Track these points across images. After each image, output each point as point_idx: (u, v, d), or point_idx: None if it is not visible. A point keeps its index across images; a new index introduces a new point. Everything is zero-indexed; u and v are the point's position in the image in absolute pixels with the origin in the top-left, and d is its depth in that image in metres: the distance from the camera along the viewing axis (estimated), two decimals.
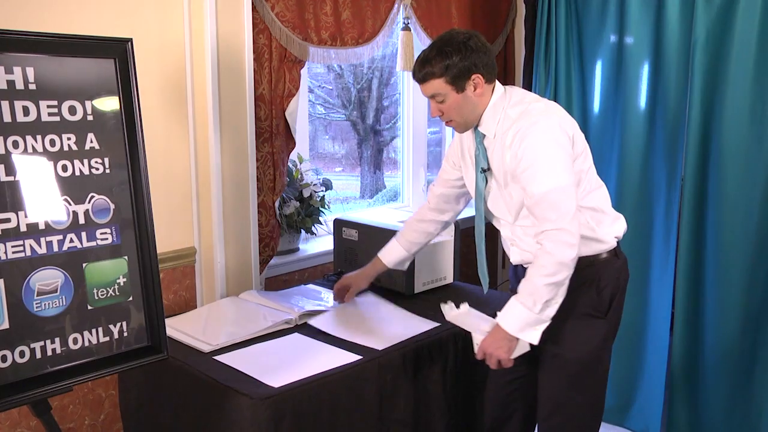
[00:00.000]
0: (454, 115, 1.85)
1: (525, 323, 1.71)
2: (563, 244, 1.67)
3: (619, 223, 1.94)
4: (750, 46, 2.53)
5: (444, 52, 1.77)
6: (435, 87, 1.80)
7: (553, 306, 1.71)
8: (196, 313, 2.28)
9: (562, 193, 1.69)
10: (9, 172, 1.37)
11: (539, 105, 1.82)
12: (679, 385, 2.84)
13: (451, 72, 1.77)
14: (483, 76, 1.79)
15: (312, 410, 1.74)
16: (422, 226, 2.18)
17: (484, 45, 1.82)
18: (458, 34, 1.82)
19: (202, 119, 2.31)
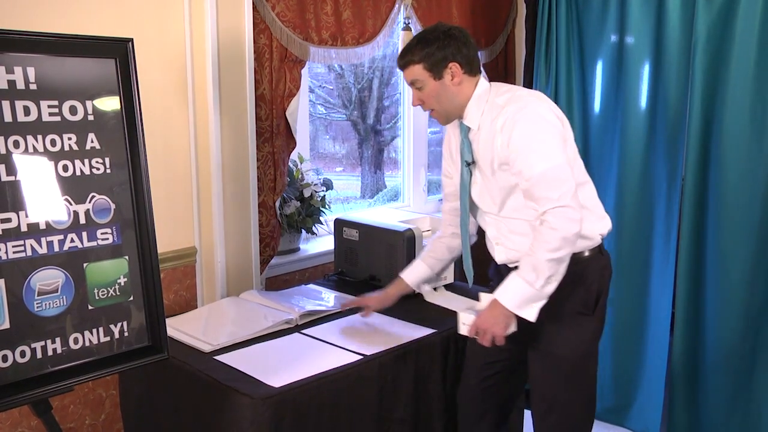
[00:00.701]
0: (433, 103, 1.88)
1: (525, 299, 1.71)
2: (567, 219, 1.68)
3: (604, 222, 1.95)
4: (750, 45, 2.53)
5: (425, 40, 1.84)
6: (414, 73, 1.85)
7: (553, 283, 1.71)
8: (197, 313, 2.28)
9: (560, 170, 1.70)
10: (10, 171, 1.37)
11: (525, 91, 1.87)
12: (679, 385, 2.83)
13: (429, 59, 1.82)
14: (461, 66, 1.83)
15: (312, 410, 1.74)
16: (444, 241, 2.14)
17: (466, 38, 1.86)
18: (442, 25, 1.88)
19: (202, 119, 2.31)
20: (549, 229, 1.68)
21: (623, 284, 2.97)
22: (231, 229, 2.39)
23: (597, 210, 1.94)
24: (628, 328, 2.98)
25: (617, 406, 3.04)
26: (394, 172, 3.68)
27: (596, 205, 1.94)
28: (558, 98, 3.09)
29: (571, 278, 1.81)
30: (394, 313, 2.27)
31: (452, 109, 1.89)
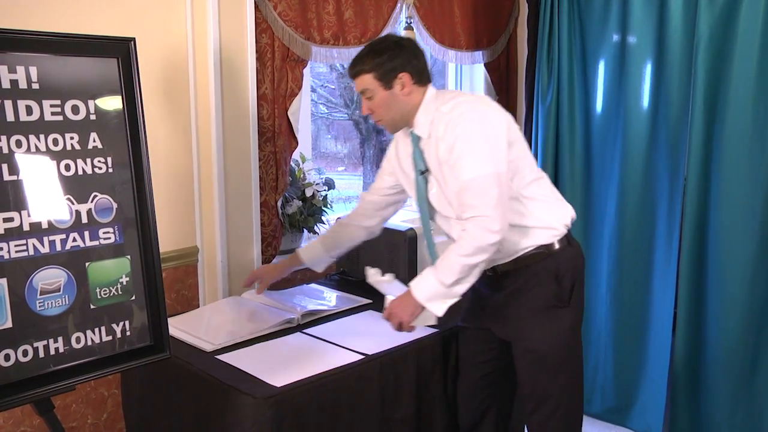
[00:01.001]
0: (382, 113, 1.90)
1: (434, 294, 1.79)
2: (485, 229, 1.72)
3: (566, 210, 1.96)
4: (753, 45, 2.52)
5: (376, 50, 1.87)
6: (365, 82, 1.87)
7: (464, 284, 1.78)
8: (199, 312, 2.28)
9: (487, 180, 1.73)
10: (12, 171, 1.37)
11: (469, 97, 1.90)
12: (681, 385, 2.83)
13: (379, 69, 1.84)
14: (411, 76, 1.86)
15: (314, 409, 1.74)
16: (348, 230, 2.21)
17: (416, 49, 1.90)
18: (392, 36, 1.94)
19: (204, 118, 2.31)
20: (467, 237, 1.74)
21: (625, 284, 2.97)
22: (233, 228, 2.39)
23: (554, 201, 1.95)
24: (630, 327, 2.97)
25: (619, 406, 3.04)
26: None
27: (552, 197, 1.95)
28: (560, 98, 3.09)
29: (542, 272, 1.86)
30: None
31: (400, 119, 1.91)
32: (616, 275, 2.99)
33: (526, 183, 1.88)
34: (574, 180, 3.10)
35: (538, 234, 1.88)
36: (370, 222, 2.19)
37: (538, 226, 1.88)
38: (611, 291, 3.02)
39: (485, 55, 3.32)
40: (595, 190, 3.07)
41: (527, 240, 1.87)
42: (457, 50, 3.16)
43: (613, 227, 2.98)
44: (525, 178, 1.87)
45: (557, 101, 3.10)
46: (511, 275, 1.91)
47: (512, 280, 1.91)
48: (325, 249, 2.21)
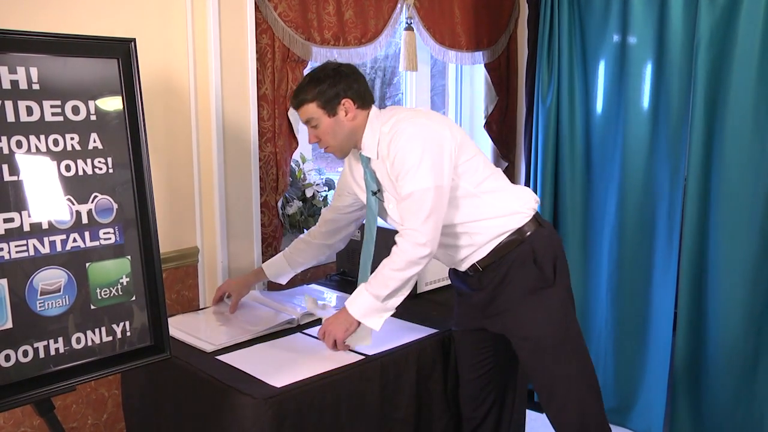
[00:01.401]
0: (329, 139, 1.93)
1: (370, 309, 1.84)
2: (414, 243, 1.78)
3: (527, 195, 1.97)
4: (753, 46, 2.52)
5: (316, 78, 1.90)
6: (309, 112, 1.91)
7: (398, 297, 1.84)
8: (199, 313, 2.28)
9: (423, 194, 1.77)
10: (12, 171, 1.37)
11: (407, 113, 1.91)
12: (681, 385, 2.83)
13: (322, 97, 1.88)
14: (354, 101, 1.90)
15: (314, 410, 1.74)
16: (310, 248, 2.24)
17: (356, 73, 1.94)
18: (331, 63, 1.98)
19: (204, 119, 2.31)
20: (398, 251, 1.80)
21: (625, 284, 2.97)
22: (233, 229, 2.40)
23: (513, 189, 1.97)
24: (630, 328, 2.97)
25: (620, 406, 3.04)
26: None
27: (510, 187, 1.97)
28: (560, 98, 3.09)
29: (520, 259, 1.88)
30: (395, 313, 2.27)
31: (347, 143, 1.95)
32: (616, 275, 2.99)
33: (483, 179, 1.91)
34: (574, 180, 3.10)
35: (506, 221, 1.89)
36: (333, 239, 2.23)
37: (503, 214, 1.90)
38: (611, 291, 3.02)
39: (485, 56, 3.32)
40: (595, 190, 3.07)
41: (497, 228, 1.89)
42: (457, 51, 3.16)
43: (613, 227, 2.98)
44: (480, 175, 1.90)
45: (557, 101, 3.10)
46: (491, 269, 1.91)
47: (493, 274, 1.91)
48: (288, 264, 2.25)
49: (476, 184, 1.90)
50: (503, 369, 2.11)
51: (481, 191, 1.90)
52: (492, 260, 1.90)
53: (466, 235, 1.91)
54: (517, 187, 1.99)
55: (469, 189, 1.88)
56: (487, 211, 1.89)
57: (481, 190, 1.90)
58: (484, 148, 3.58)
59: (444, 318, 2.21)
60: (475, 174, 1.89)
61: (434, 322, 2.18)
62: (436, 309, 2.33)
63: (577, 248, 3.12)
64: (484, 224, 1.89)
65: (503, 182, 1.97)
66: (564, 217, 3.15)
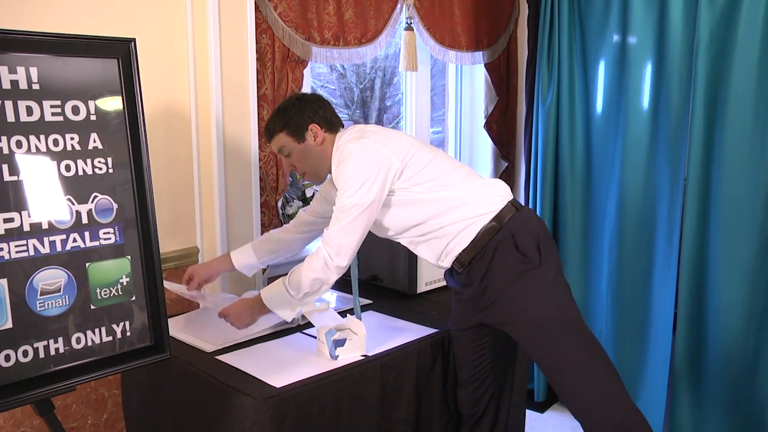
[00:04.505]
0: (303, 165, 2.02)
1: (284, 303, 1.93)
2: (331, 252, 1.86)
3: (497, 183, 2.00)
4: (753, 46, 2.52)
5: (282, 109, 2.01)
6: (280, 141, 2.01)
7: (314, 296, 1.93)
8: (199, 313, 2.29)
9: (346, 209, 1.86)
10: (12, 171, 1.38)
11: (352, 135, 1.97)
12: (681, 385, 2.83)
13: (290, 125, 1.98)
14: (320, 126, 1.99)
15: (314, 410, 1.74)
16: (286, 242, 2.26)
17: (320, 100, 2.04)
18: (296, 93, 2.08)
19: (204, 119, 2.31)
20: (317, 255, 1.88)
21: (625, 284, 2.97)
22: (233, 229, 2.39)
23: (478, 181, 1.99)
24: (630, 327, 2.97)
25: None
26: None
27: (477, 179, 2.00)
28: (560, 98, 3.09)
29: (501, 245, 1.88)
30: (395, 313, 2.28)
31: (321, 167, 2.03)
32: (616, 275, 2.99)
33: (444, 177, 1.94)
34: (574, 180, 3.10)
35: (474, 207, 1.91)
36: (309, 236, 2.27)
37: (470, 201, 1.92)
38: (611, 291, 3.02)
39: (485, 56, 3.33)
40: (595, 190, 3.07)
41: (467, 213, 1.91)
42: (457, 51, 3.16)
43: (613, 227, 2.98)
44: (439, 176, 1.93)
45: (557, 101, 3.10)
46: (475, 261, 1.91)
47: (479, 266, 1.91)
48: (256, 256, 2.25)
49: (436, 186, 1.93)
50: (500, 366, 2.12)
51: (445, 187, 1.93)
52: (474, 252, 1.90)
53: (442, 227, 1.93)
54: (485, 179, 2.02)
55: (431, 191, 1.92)
56: (454, 202, 1.92)
57: (445, 186, 1.93)
58: (484, 148, 3.59)
59: (444, 318, 2.21)
60: (433, 179, 1.93)
61: (434, 322, 2.19)
62: (436, 309, 2.33)
63: (577, 248, 3.12)
64: (453, 214, 1.91)
65: (468, 176, 1.99)
66: (564, 217, 3.15)
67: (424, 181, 1.92)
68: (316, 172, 2.05)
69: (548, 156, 3.13)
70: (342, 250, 1.86)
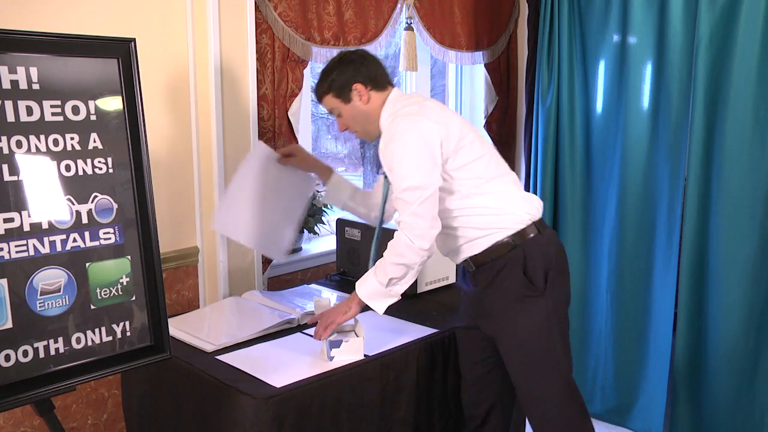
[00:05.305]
0: (352, 125, 2.00)
1: (374, 292, 1.88)
2: (411, 236, 1.80)
3: (530, 201, 1.97)
4: (753, 46, 2.52)
5: (325, 70, 1.99)
6: (328, 103, 1.99)
7: (401, 285, 1.87)
8: (199, 312, 2.29)
9: (408, 194, 1.81)
10: (12, 171, 1.37)
11: (411, 108, 1.90)
12: (682, 385, 2.83)
13: (334, 86, 1.95)
14: (364, 85, 1.94)
15: (314, 410, 1.74)
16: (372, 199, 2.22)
17: (363, 57, 1.97)
18: (340, 53, 2.01)
19: (204, 119, 2.31)
20: (396, 239, 1.84)
21: (625, 284, 2.97)
22: None
23: (517, 194, 1.96)
24: (630, 327, 2.97)
25: (620, 406, 3.04)
26: None
27: (516, 191, 1.97)
28: (560, 98, 3.09)
29: (510, 264, 1.88)
30: (395, 313, 2.27)
31: (371, 127, 1.98)
32: (616, 275, 2.99)
33: (484, 180, 1.91)
34: (574, 180, 3.10)
35: (499, 219, 1.90)
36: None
37: (497, 213, 1.91)
38: (611, 291, 3.02)
39: (485, 56, 3.32)
40: (595, 190, 3.07)
41: (489, 224, 1.90)
42: (457, 51, 3.16)
43: (613, 227, 2.98)
44: (481, 177, 1.91)
45: (557, 101, 3.10)
46: (484, 269, 1.92)
47: (485, 275, 1.93)
48: (349, 194, 2.23)
49: (476, 185, 1.90)
50: (504, 370, 2.09)
51: (481, 191, 1.91)
52: (485, 260, 1.92)
53: (461, 227, 1.92)
54: (522, 193, 1.98)
55: (468, 188, 1.89)
56: (481, 210, 1.90)
57: (481, 191, 1.91)
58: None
59: (444, 318, 2.21)
60: (475, 177, 1.90)
61: (434, 322, 2.18)
62: (436, 309, 2.33)
63: (577, 248, 3.12)
64: (477, 219, 1.90)
65: (508, 187, 1.96)
66: (564, 217, 3.15)
67: (464, 177, 1.89)
68: (367, 132, 2.01)
69: (548, 156, 3.13)
70: (421, 232, 1.80)
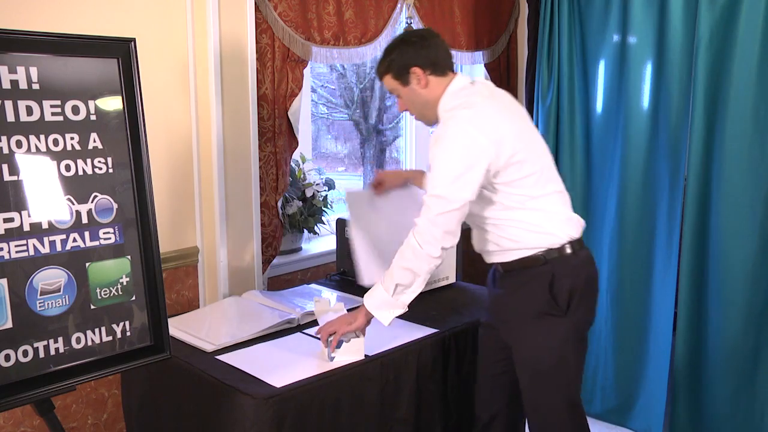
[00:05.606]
0: (410, 108, 1.96)
1: (381, 302, 1.84)
2: (421, 241, 1.77)
3: (570, 225, 1.90)
4: (753, 46, 2.52)
5: (386, 50, 1.93)
6: (388, 83, 1.94)
7: (408, 294, 1.83)
8: (199, 312, 2.28)
9: (434, 200, 1.76)
10: (12, 171, 1.38)
11: (466, 113, 1.80)
12: (681, 385, 2.83)
13: (393, 67, 1.90)
14: (423, 69, 1.87)
15: (314, 410, 1.74)
16: None
17: (425, 40, 1.89)
18: (404, 32, 1.96)
19: (204, 119, 2.31)
20: (405, 243, 1.80)
21: (625, 284, 2.97)
22: (233, 229, 2.39)
23: (562, 214, 1.90)
24: (630, 327, 2.97)
25: (620, 406, 3.04)
26: None
27: (562, 211, 1.90)
28: (560, 98, 3.09)
29: (538, 278, 1.84)
30: None
31: (429, 113, 1.93)
32: (616, 275, 2.99)
33: (531, 197, 1.84)
34: (574, 180, 3.10)
35: (536, 238, 1.85)
36: None
37: (536, 231, 1.85)
38: (611, 291, 3.02)
39: (485, 56, 3.33)
40: (595, 190, 3.07)
41: (525, 242, 1.86)
42: (457, 50, 3.16)
43: (613, 227, 2.98)
44: (527, 194, 1.83)
45: (557, 101, 3.10)
46: (511, 275, 1.90)
47: (511, 282, 1.91)
48: None
49: (520, 201, 1.83)
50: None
51: (524, 207, 1.84)
52: (514, 268, 1.88)
53: (496, 235, 1.88)
54: (567, 213, 1.91)
55: (512, 203, 1.83)
56: (522, 222, 1.84)
57: (524, 207, 1.84)
58: None
59: (444, 318, 2.21)
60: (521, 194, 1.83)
61: (434, 322, 2.18)
62: (436, 309, 2.33)
63: None
64: (513, 231, 1.85)
65: (554, 206, 1.88)
66: None
67: (510, 192, 1.82)
68: (424, 116, 1.96)
69: None
70: (433, 239, 1.75)
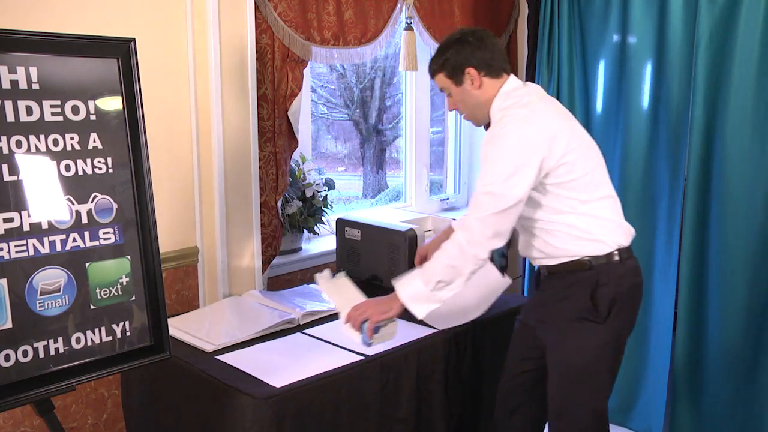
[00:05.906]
0: (461, 107, 1.95)
1: (417, 295, 1.79)
2: (469, 239, 1.74)
3: (622, 231, 1.90)
4: (753, 45, 2.52)
5: (442, 47, 1.91)
6: (440, 81, 1.93)
7: (447, 291, 1.78)
8: (199, 312, 2.28)
9: (487, 198, 1.74)
10: (12, 171, 1.38)
11: (519, 111, 1.80)
12: (681, 385, 2.83)
13: (447, 66, 1.89)
14: (478, 70, 1.86)
15: (314, 410, 1.74)
16: None
17: (482, 41, 1.87)
18: (459, 31, 1.93)
19: (204, 119, 2.31)
20: (451, 240, 1.77)
21: None
22: (233, 229, 2.39)
23: (611, 221, 1.89)
24: None
25: (620, 406, 3.04)
26: (396, 172, 3.68)
27: (611, 218, 1.89)
28: (560, 98, 3.08)
29: (580, 284, 1.84)
30: None
31: (479, 113, 1.93)
32: None
33: (582, 201, 1.83)
34: None
35: (583, 245, 1.84)
36: None
37: (584, 238, 1.84)
38: None
39: None
40: None
41: (571, 249, 1.85)
42: None
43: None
44: (578, 198, 1.82)
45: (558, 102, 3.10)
46: (555, 278, 1.90)
47: (554, 284, 1.90)
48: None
49: (570, 206, 1.83)
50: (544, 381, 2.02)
51: (574, 212, 1.83)
52: (558, 270, 1.88)
53: (543, 240, 1.87)
54: (617, 219, 1.91)
55: (561, 206, 1.82)
56: (571, 227, 1.84)
57: (574, 211, 1.83)
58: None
59: None
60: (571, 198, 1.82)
61: None
62: None
63: None
64: (561, 237, 1.85)
65: (604, 211, 1.87)
66: None
67: (560, 194, 1.81)
68: (475, 117, 1.94)
69: None
70: (483, 239, 1.73)
